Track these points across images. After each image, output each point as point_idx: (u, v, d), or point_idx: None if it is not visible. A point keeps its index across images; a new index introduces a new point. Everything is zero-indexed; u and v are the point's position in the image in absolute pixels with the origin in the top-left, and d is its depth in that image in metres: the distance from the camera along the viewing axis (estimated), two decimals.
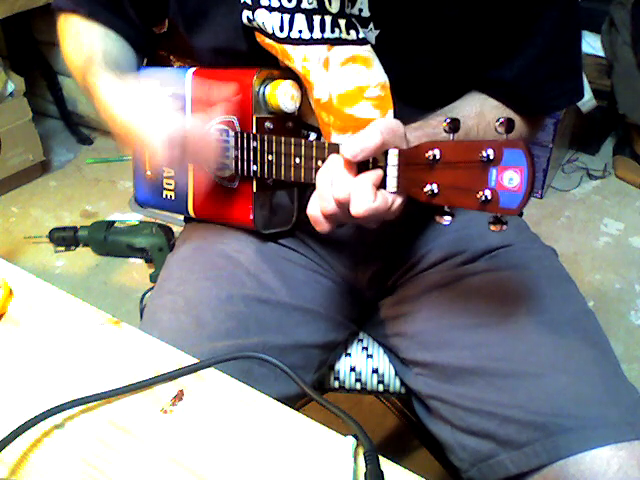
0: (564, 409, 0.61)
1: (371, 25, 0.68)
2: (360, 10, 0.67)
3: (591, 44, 2.21)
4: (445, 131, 0.53)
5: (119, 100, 0.69)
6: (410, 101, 0.71)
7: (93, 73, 0.73)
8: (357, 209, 0.56)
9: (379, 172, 0.57)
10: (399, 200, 0.57)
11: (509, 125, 0.49)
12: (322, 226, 0.61)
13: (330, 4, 0.67)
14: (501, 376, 0.66)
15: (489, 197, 0.49)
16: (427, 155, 0.52)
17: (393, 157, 0.57)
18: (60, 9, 0.83)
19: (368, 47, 0.69)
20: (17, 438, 0.52)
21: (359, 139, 0.56)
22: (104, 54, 0.77)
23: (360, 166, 0.58)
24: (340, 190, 0.57)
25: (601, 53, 2.22)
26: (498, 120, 0.49)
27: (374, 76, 0.70)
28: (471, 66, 0.72)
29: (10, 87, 2.08)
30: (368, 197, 0.56)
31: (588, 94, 2.09)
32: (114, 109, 0.69)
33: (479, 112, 0.71)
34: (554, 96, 0.76)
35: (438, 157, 0.52)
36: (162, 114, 0.65)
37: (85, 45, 0.79)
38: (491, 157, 0.48)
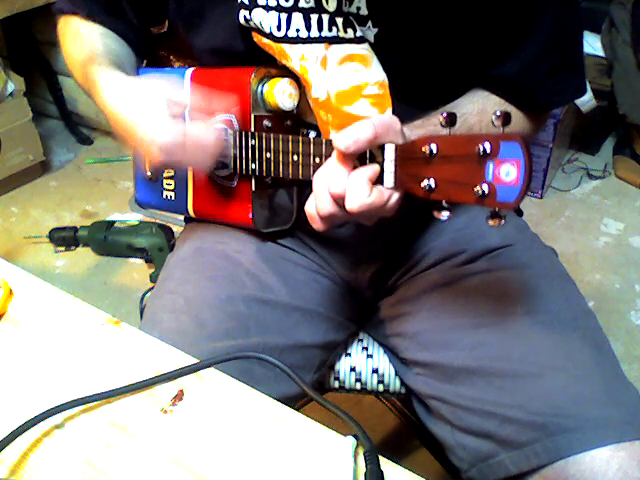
0: (564, 409, 0.61)
1: (369, 23, 0.67)
2: (358, 8, 0.67)
3: (591, 44, 2.21)
4: (442, 125, 0.52)
5: (120, 99, 0.69)
6: (409, 99, 0.71)
7: (94, 71, 0.73)
8: (352, 204, 0.55)
9: (375, 167, 0.56)
10: (396, 196, 0.57)
11: (506, 118, 0.48)
12: (318, 224, 0.61)
13: (327, 2, 0.66)
14: (501, 376, 0.66)
15: (486, 191, 0.48)
16: (424, 150, 0.52)
17: (390, 152, 0.56)
18: (60, 12, 0.84)
19: (366, 45, 0.68)
20: (17, 438, 0.52)
21: (351, 131, 0.55)
22: (105, 52, 0.77)
23: (357, 162, 0.58)
24: (336, 185, 0.57)
25: (601, 53, 2.22)
26: (495, 113, 0.49)
27: (372, 74, 0.69)
28: (471, 64, 0.72)
29: (10, 87, 2.08)
30: (363, 192, 0.55)
31: (588, 94, 2.09)
32: (115, 108, 0.69)
33: (481, 109, 0.71)
34: (556, 92, 0.75)
35: (435, 151, 0.52)
36: (162, 116, 0.64)
37: (86, 44, 0.79)
38: (488, 151, 0.48)
